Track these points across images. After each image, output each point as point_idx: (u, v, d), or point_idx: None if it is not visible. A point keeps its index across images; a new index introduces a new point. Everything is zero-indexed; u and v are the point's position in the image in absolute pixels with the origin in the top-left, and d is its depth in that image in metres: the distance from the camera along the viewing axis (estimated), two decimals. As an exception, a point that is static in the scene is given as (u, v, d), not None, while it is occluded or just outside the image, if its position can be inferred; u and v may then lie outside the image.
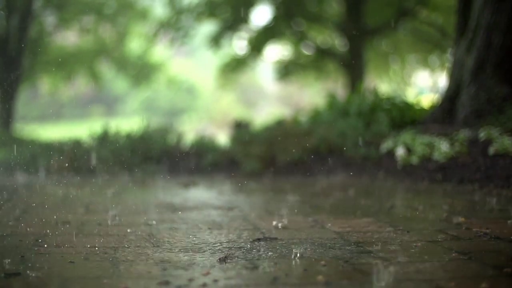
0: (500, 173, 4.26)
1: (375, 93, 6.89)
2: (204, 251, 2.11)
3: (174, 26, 15.23)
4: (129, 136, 6.72)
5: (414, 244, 2.18)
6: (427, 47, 15.85)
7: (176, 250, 2.12)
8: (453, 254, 2.00)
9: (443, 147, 4.90)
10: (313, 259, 1.95)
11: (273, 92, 35.50)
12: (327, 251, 2.09)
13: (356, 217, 2.90)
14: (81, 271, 1.82)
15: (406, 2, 13.90)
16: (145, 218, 2.97)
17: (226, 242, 2.29)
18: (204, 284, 1.63)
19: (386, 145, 5.42)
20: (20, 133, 11.30)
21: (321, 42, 16.30)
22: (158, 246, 2.21)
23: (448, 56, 14.00)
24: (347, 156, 5.61)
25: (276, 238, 2.35)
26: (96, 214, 3.14)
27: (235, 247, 2.17)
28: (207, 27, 16.20)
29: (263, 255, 2.02)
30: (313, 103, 13.50)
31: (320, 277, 1.69)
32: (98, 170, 5.98)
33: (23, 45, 13.23)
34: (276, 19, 15.06)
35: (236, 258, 1.98)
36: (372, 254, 2.01)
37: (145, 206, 3.52)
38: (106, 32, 16.87)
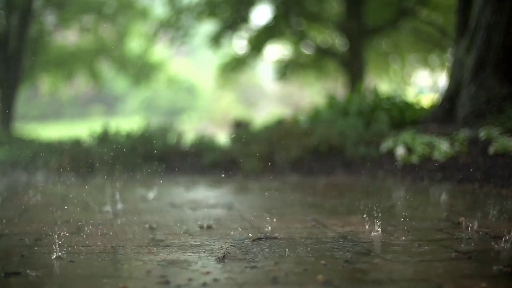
0: (500, 173, 4.26)
1: (375, 92, 6.88)
2: (204, 250, 2.11)
3: (174, 25, 15.22)
4: (129, 136, 6.72)
5: (414, 244, 2.18)
6: (427, 46, 15.84)
7: (176, 249, 2.12)
8: (453, 254, 2.00)
9: (443, 147, 4.90)
10: (313, 258, 1.95)
11: (273, 92, 35.46)
12: (327, 250, 2.09)
13: (356, 217, 2.90)
14: (81, 270, 1.82)
15: (406, 2, 13.88)
16: (142, 218, 2.97)
17: (226, 241, 2.29)
18: (204, 284, 1.63)
19: (386, 145, 5.42)
20: (20, 132, 11.28)
21: (321, 42, 16.29)
22: (157, 245, 2.21)
23: (448, 56, 13.99)
24: (347, 156, 5.61)
25: (276, 237, 2.35)
26: (95, 214, 3.14)
27: (234, 246, 2.17)
28: (207, 27, 16.18)
29: (263, 254, 2.02)
30: (313, 103, 13.49)
31: (320, 277, 1.69)
32: (98, 169, 5.97)
33: (23, 45, 13.21)
34: (276, 18, 15.04)
35: (236, 257, 1.98)
36: (372, 254, 2.01)
37: (142, 206, 3.52)
38: (106, 31, 16.85)
